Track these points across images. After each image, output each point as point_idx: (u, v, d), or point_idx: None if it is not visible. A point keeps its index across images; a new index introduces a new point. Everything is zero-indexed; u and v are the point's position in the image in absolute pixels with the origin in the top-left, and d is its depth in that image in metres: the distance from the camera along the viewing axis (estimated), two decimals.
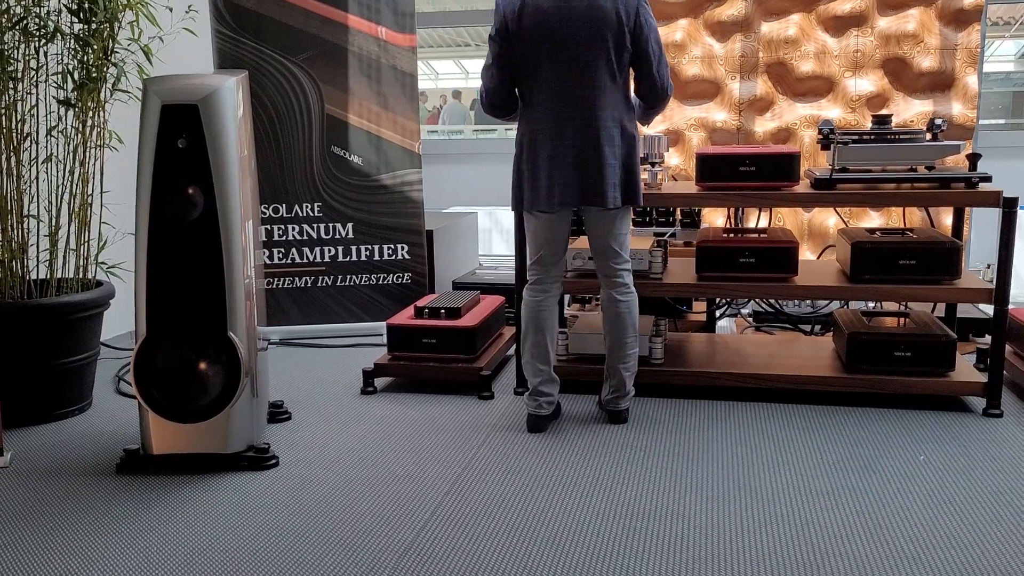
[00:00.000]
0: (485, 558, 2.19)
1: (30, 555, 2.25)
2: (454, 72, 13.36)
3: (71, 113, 3.33)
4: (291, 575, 2.13)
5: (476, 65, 13.07)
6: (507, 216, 6.00)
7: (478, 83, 3.08)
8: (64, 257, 3.37)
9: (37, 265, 3.41)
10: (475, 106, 10.30)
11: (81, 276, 3.40)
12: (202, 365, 2.67)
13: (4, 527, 2.41)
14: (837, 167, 3.29)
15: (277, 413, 3.22)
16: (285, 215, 4.35)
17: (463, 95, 11.92)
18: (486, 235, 6.17)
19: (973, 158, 3.26)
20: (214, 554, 2.23)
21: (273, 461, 2.80)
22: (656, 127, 4.82)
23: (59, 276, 3.36)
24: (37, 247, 3.39)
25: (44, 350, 3.18)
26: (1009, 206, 3.07)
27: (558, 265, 3.08)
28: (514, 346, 3.55)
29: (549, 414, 3.09)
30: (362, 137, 4.36)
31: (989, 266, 4.94)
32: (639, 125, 3.09)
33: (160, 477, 2.72)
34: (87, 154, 3.35)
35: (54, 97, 3.36)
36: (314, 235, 4.38)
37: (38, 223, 3.37)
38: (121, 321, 4.08)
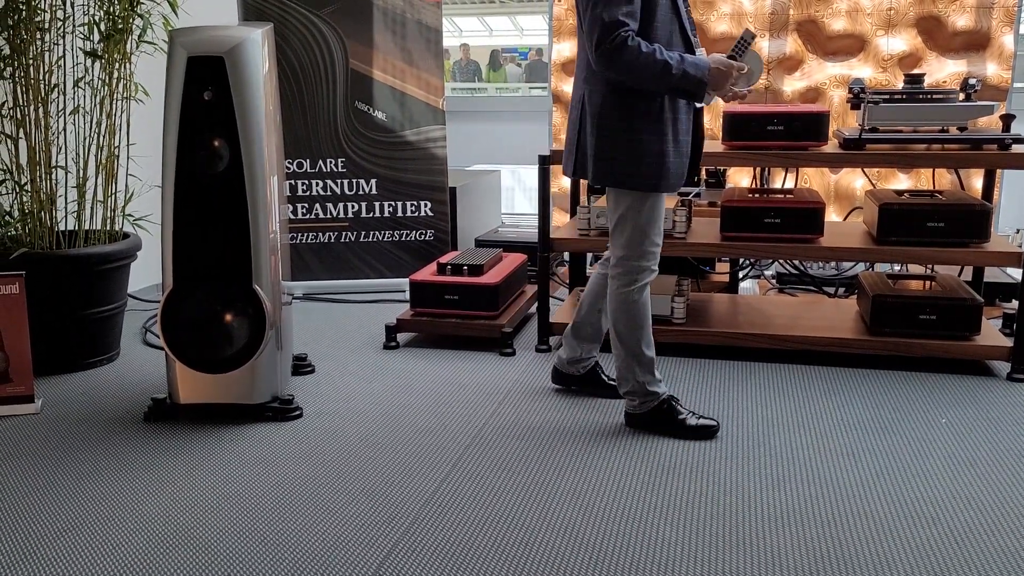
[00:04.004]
0: (505, 510, 2.22)
1: (60, 499, 2.31)
2: (478, 29, 13.23)
3: (98, 64, 3.34)
4: (316, 523, 2.17)
5: (500, 22, 12.92)
6: (530, 174, 5.97)
7: (502, 40, 2.95)
8: (92, 209, 3.40)
9: (65, 216, 3.45)
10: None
11: (108, 228, 3.43)
12: (228, 317, 2.71)
13: (35, 472, 2.47)
14: (867, 127, 3.24)
15: (301, 366, 3.26)
16: (309, 170, 4.36)
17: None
18: (509, 193, 6.15)
19: (1007, 119, 3.20)
20: (240, 501, 2.28)
21: (297, 412, 2.84)
22: None
23: (87, 228, 3.39)
24: (65, 198, 3.42)
25: (73, 300, 3.22)
26: None
27: None
28: (535, 304, 3.56)
29: None
30: (386, 92, 4.34)
31: (1019, 231, 4.87)
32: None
33: (186, 426, 2.77)
34: (114, 106, 3.36)
35: (80, 48, 3.37)
36: (338, 191, 4.38)
37: (66, 174, 3.40)
38: (147, 274, 4.12)
